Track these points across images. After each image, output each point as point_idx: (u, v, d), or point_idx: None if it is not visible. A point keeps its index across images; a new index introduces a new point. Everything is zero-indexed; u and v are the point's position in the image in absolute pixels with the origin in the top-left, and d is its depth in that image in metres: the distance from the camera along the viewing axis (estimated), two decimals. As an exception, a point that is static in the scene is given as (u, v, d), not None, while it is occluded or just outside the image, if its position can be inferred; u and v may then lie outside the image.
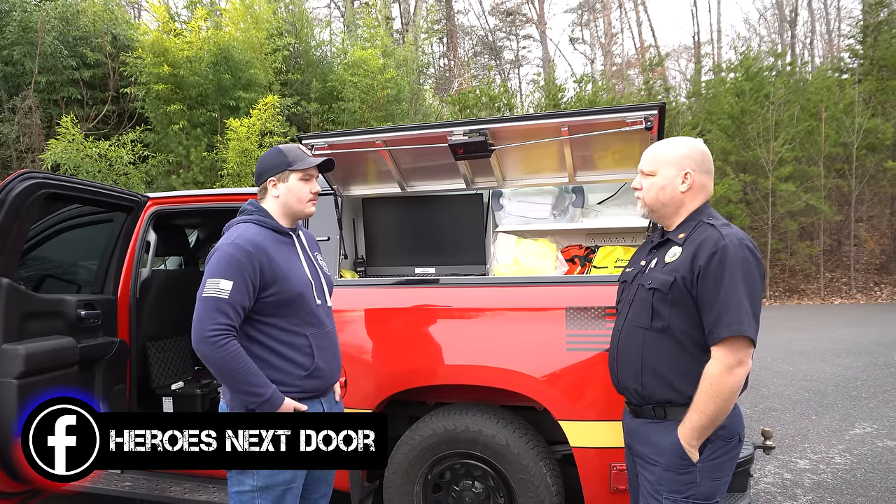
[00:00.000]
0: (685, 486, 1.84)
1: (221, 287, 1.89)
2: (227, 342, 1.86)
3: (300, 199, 2.10)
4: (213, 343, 1.85)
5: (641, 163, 2.00)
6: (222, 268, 1.91)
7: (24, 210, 2.62)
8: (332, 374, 2.15)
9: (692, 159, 1.93)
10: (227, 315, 1.88)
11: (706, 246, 1.79)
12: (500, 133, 2.68)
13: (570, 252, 3.06)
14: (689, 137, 2.04)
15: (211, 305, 1.88)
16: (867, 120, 14.68)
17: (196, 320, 1.89)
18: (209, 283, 1.90)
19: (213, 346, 1.85)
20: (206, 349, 1.86)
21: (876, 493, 3.75)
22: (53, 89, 11.30)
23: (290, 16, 13.86)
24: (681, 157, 1.93)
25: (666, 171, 1.93)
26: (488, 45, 28.21)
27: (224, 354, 1.86)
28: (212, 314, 1.87)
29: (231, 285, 1.89)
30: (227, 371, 1.88)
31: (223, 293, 1.88)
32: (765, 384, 6.53)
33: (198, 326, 1.88)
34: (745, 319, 1.72)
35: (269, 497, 2.01)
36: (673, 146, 1.96)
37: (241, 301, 1.92)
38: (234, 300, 1.89)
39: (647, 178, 1.97)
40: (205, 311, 1.88)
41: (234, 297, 1.89)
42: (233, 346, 1.88)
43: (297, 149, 2.14)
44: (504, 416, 2.72)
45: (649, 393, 1.90)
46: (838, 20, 23.34)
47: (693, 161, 1.93)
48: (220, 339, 1.86)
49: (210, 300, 1.88)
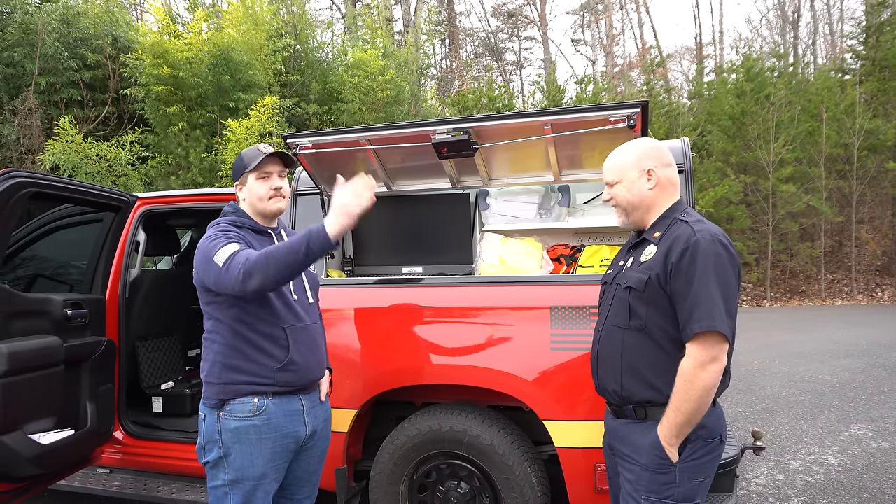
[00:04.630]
0: (663, 487, 1.83)
1: (227, 249, 1.91)
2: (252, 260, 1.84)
3: (261, 198, 2.15)
4: (248, 269, 1.82)
5: (604, 175, 2.02)
6: (217, 242, 1.95)
7: (7, 210, 2.61)
8: (310, 369, 2.15)
9: (649, 156, 1.94)
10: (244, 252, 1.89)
11: (679, 242, 1.79)
12: (484, 131, 2.67)
13: (556, 251, 3.05)
14: (642, 138, 2.08)
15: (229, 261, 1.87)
16: (868, 121, 14.64)
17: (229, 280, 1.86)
18: (218, 255, 1.90)
19: (250, 271, 1.82)
20: (253, 279, 1.82)
21: (868, 494, 3.72)
22: (54, 91, 11.34)
23: (291, 17, 13.87)
24: (638, 158, 1.95)
25: (629, 175, 1.95)
26: (490, 46, 28.22)
27: (263, 264, 1.82)
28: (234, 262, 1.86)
29: (234, 244, 1.93)
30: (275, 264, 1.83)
31: (232, 250, 1.91)
32: (761, 385, 6.50)
33: (233, 279, 1.85)
34: (717, 315, 1.71)
35: (240, 491, 2.03)
36: (627, 150, 1.98)
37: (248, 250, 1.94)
38: (241, 248, 1.93)
39: (614, 186, 1.99)
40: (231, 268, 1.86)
41: (241, 247, 1.94)
42: (256, 255, 1.84)
43: (254, 150, 2.17)
44: (489, 417, 2.72)
45: (629, 393, 1.89)
46: (841, 21, 23.28)
47: (651, 158, 1.94)
48: (248, 262, 1.84)
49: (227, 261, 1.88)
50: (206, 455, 2.07)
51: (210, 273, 1.94)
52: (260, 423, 2.01)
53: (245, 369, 2.01)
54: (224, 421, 2.01)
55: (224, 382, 2.02)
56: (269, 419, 2.03)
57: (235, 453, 2.01)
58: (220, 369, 2.02)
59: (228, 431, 2.01)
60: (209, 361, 2.06)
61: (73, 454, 3.03)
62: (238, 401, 2.01)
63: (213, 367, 2.04)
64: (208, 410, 2.06)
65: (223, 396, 2.02)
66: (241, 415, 2.01)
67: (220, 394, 2.02)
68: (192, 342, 4.44)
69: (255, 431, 2.01)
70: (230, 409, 2.01)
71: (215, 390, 2.03)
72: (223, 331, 2.02)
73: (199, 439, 2.10)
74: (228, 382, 2.01)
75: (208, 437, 2.05)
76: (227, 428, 2.01)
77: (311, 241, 1.81)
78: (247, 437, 2.01)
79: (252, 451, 2.02)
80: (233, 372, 2.01)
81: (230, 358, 2.02)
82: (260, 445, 2.02)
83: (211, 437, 2.04)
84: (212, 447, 2.04)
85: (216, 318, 2.04)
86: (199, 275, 2.01)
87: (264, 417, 2.02)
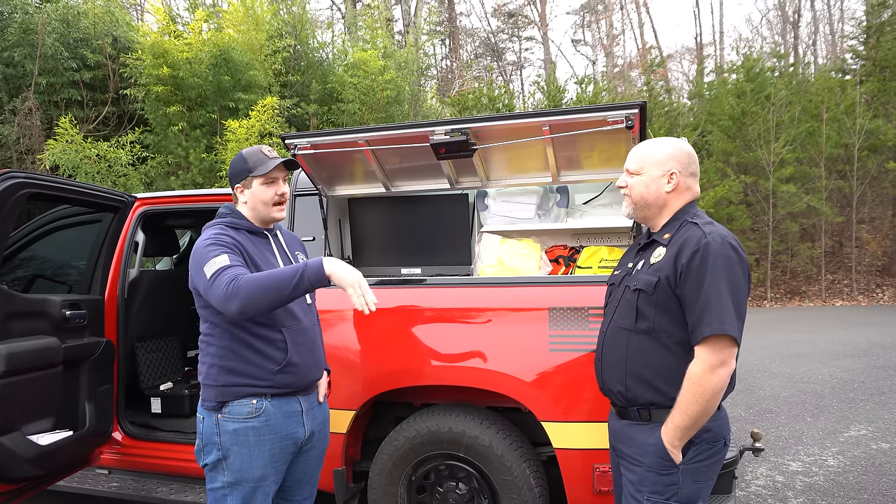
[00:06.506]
0: (667, 488, 1.82)
1: (217, 262, 1.89)
2: (237, 283, 1.83)
3: (265, 203, 2.12)
4: (231, 293, 1.82)
5: (627, 162, 2.00)
6: (209, 250, 1.93)
7: (6, 210, 2.61)
8: (309, 371, 2.14)
9: (677, 160, 1.92)
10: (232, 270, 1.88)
11: (689, 245, 1.78)
12: (482, 132, 2.67)
13: (554, 252, 3.05)
14: (676, 138, 2.04)
15: (216, 276, 1.87)
16: (869, 121, 14.64)
17: (213, 297, 1.87)
18: (207, 266, 1.89)
19: (233, 295, 1.82)
20: (234, 303, 1.83)
21: (868, 495, 3.72)
22: (54, 91, 11.34)
23: (291, 17, 13.87)
24: (666, 158, 1.92)
25: (651, 171, 1.93)
26: (490, 46, 28.22)
27: (245, 291, 1.81)
28: (219, 280, 1.85)
29: (225, 256, 1.91)
30: (261, 294, 1.83)
31: (221, 263, 1.89)
32: (761, 386, 6.50)
33: (217, 298, 1.85)
34: (728, 318, 1.71)
35: (239, 493, 2.02)
36: (659, 146, 1.96)
37: (240, 262, 1.94)
38: (232, 262, 1.91)
39: (633, 176, 1.97)
40: (215, 285, 1.86)
41: (232, 260, 1.92)
42: (242, 280, 1.84)
43: (258, 152, 2.13)
44: (488, 418, 2.71)
45: (633, 395, 1.89)
46: (841, 21, 23.26)
47: (678, 162, 1.92)
48: (232, 285, 1.83)
49: (214, 276, 1.87)
50: (204, 457, 2.07)
51: (199, 282, 1.93)
52: (258, 424, 2.01)
53: (243, 371, 2.00)
54: (222, 423, 2.01)
55: (222, 385, 2.01)
56: (268, 421, 2.02)
57: (234, 455, 2.01)
58: (218, 372, 2.01)
59: (227, 433, 2.00)
60: (206, 364, 2.05)
61: (71, 455, 3.02)
62: (236, 402, 2.01)
63: (211, 370, 2.03)
64: (206, 412, 2.05)
65: (221, 398, 2.01)
66: (239, 416, 2.00)
67: (218, 396, 2.01)
68: (191, 343, 4.44)
69: (253, 433, 2.00)
70: (229, 410, 2.01)
71: (213, 392, 2.02)
72: (220, 333, 2.01)
73: (198, 441, 2.09)
74: (226, 385, 2.01)
75: (207, 440, 2.05)
76: (226, 430, 2.00)
77: (306, 275, 1.84)
78: (245, 439, 2.00)
79: (251, 453, 2.01)
80: (231, 374, 2.01)
81: (228, 360, 2.01)
82: (259, 447, 2.02)
83: (209, 439, 2.04)
84: (210, 449, 2.04)
85: (212, 320, 2.03)
86: (192, 278, 2.00)
87: (263, 419, 2.01)
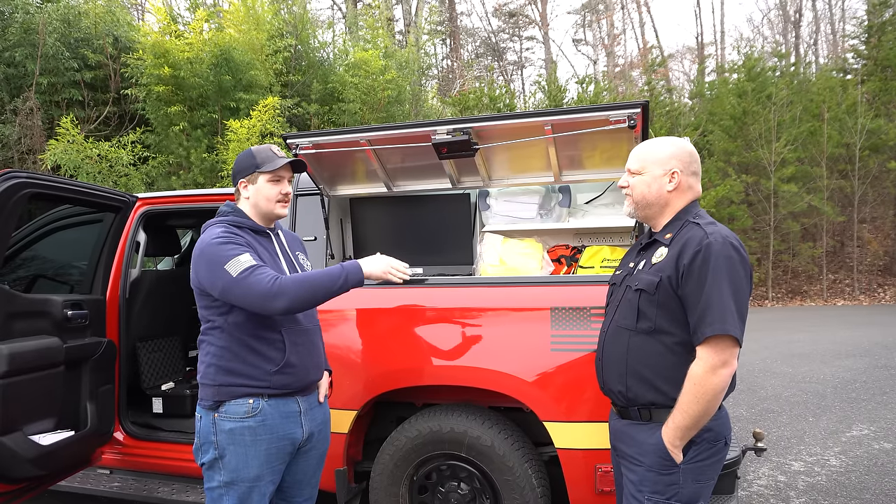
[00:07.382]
0: (667, 488, 1.82)
1: (242, 260, 1.91)
2: (281, 282, 1.89)
3: (269, 200, 2.12)
4: (277, 291, 1.87)
5: (629, 161, 2.00)
6: (227, 249, 1.93)
7: (7, 210, 2.61)
8: (307, 371, 2.14)
9: (679, 160, 1.92)
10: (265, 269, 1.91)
11: (690, 245, 1.78)
12: (484, 132, 2.67)
13: (556, 252, 3.04)
14: (678, 138, 2.04)
15: (246, 274, 1.88)
16: (870, 121, 14.62)
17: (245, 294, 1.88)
18: (230, 265, 1.89)
19: (279, 293, 1.87)
20: (280, 301, 1.88)
21: (870, 495, 3.71)
22: (55, 91, 11.34)
23: (292, 17, 13.87)
24: (668, 157, 1.92)
25: (653, 170, 1.93)
26: (491, 46, 28.21)
27: (293, 290, 1.89)
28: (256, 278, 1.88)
29: (248, 255, 1.93)
30: (310, 293, 1.94)
31: (248, 262, 1.91)
32: (763, 386, 6.49)
33: (254, 295, 1.88)
34: (730, 319, 1.70)
35: (235, 493, 2.03)
36: (661, 145, 1.95)
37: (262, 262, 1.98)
38: (257, 261, 1.95)
39: (635, 176, 1.97)
40: (248, 282, 1.87)
41: (257, 259, 1.95)
42: (287, 279, 1.91)
43: (267, 150, 2.13)
44: (489, 418, 2.71)
45: (634, 395, 1.88)
46: (843, 20, 23.23)
47: (680, 161, 1.92)
48: (276, 283, 1.88)
49: (244, 273, 1.88)
50: (202, 456, 2.07)
51: (217, 280, 1.91)
52: (255, 424, 2.01)
53: (241, 372, 2.00)
54: (219, 422, 2.01)
55: (219, 384, 2.01)
56: (265, 420, 2.02)
57: (230, 455, 2.01)
58: (216, 371, 2.01)
59: (223, 433, 2.01)
60: (205, 363, 2.05)
61: (73, 455, 3.02)
62: (233, 402, 2.01)
63: (209, 370, 2.03)
64: (204, 412, 2.06)
65: (218, 398, 2.01)
66: (235, 416, 2.00)
67: (215, 395, 2.01)
68: (193, 343, 4.43)
69: (249, 433, 2.00)
70: (225, 410, 2.01)
71: (211, 392, 2.02)
72: (219, 333, 2.01)
73: (196, 440, 2.10)
74: (224, 384, 2.00)
75: (204, 439, 2.05)
76: (222, 429, 2.01)
77: (349, 275, 2.02)
78: (241, 439, 2.00)
79: (247, 453, 2.01)
80: (228, 374, 2.00)
81: (226, 360, 2.01)
82: (255, 447, 2.02)
83: (206, 438, 2.04)
84: (207, 448, 2.04)
85: (212, 320, 2.03)
86: (198, 278, 1.98)
87: (259, 419, 2.01)
